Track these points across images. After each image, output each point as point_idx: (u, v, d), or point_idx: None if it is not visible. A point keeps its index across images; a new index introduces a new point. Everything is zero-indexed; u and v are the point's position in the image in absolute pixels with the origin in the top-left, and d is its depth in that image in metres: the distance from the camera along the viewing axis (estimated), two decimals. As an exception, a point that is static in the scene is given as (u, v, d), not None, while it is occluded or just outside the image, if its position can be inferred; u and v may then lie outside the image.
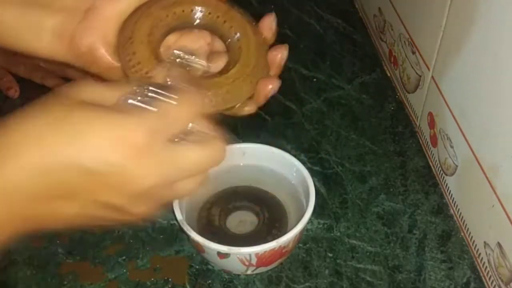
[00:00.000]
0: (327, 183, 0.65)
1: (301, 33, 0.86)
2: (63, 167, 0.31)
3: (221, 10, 0.40)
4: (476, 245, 0.57)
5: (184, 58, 0.39)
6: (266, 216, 0.59)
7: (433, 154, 0.66)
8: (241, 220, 0.59)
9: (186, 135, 0.34)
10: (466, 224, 0.59)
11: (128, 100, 0.33)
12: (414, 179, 0.66)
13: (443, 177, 0.64)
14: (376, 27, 0.84)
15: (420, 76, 0.68)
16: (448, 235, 0.60)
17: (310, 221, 0.59)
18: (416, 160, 0.68)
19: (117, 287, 0.56)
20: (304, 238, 0.59)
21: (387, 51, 0.79)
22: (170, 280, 0.56)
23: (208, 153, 0.35)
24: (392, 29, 0.76)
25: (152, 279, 0.56)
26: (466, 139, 0.57)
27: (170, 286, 0.56)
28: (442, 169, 0.64)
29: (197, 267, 0.57)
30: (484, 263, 0.56)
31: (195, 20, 0.40)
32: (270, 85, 0.39)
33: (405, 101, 0.75)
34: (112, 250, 0.59)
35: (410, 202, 0.63)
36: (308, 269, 0.57)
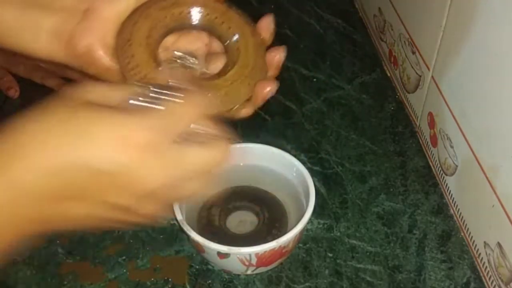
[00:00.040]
0: (327, 183, 0.65)
1: (301, 33, 0.86)
2: (72, 168, 0.31)
3: (219, 11, 0.40)
4: (476, 245, 0.57)
5: (184, 59, 0.39)
6: (266, 216, 0.59)
7: (433, 154, 0.66)
8: (241, 220, 0.59)
9: (190, 135, 0.34)
10: (466, 224, 0.59)
11: (132, 100, 0.33)
12: (414, 179, 0.66)
13: (443, 177, 0.64)
14: (376, 27, 0.84)
15: (420, 76, 0.68)
16: (448, 235, 0.60)
17: (310, 221, 0.59)
18: (416, 160, 0.68)
19: (117, 287, 0.56)
20: (304, 238, 0.59)
21: (387, 51, 0.79)
22: (170, 280, 0.56)
23: (213, 154, 0.35)
24: (392, 29, 0.76)
25: (152, 279, 0.56)
26: (466, 139, 0.57)
27: (170, 286, 0.56)
28: (442, 169, 0.64)
29: (197, 267, 0.57)
30: (484, 263, 0.55)
31: (193, 21, 0.40)
32: (268, 88, 0.39)
33: (405, 101, 0.75)
34: (112, 250, 0.59)
35: (410, 202, 0.63)
36: (308, 269, 0.57)
